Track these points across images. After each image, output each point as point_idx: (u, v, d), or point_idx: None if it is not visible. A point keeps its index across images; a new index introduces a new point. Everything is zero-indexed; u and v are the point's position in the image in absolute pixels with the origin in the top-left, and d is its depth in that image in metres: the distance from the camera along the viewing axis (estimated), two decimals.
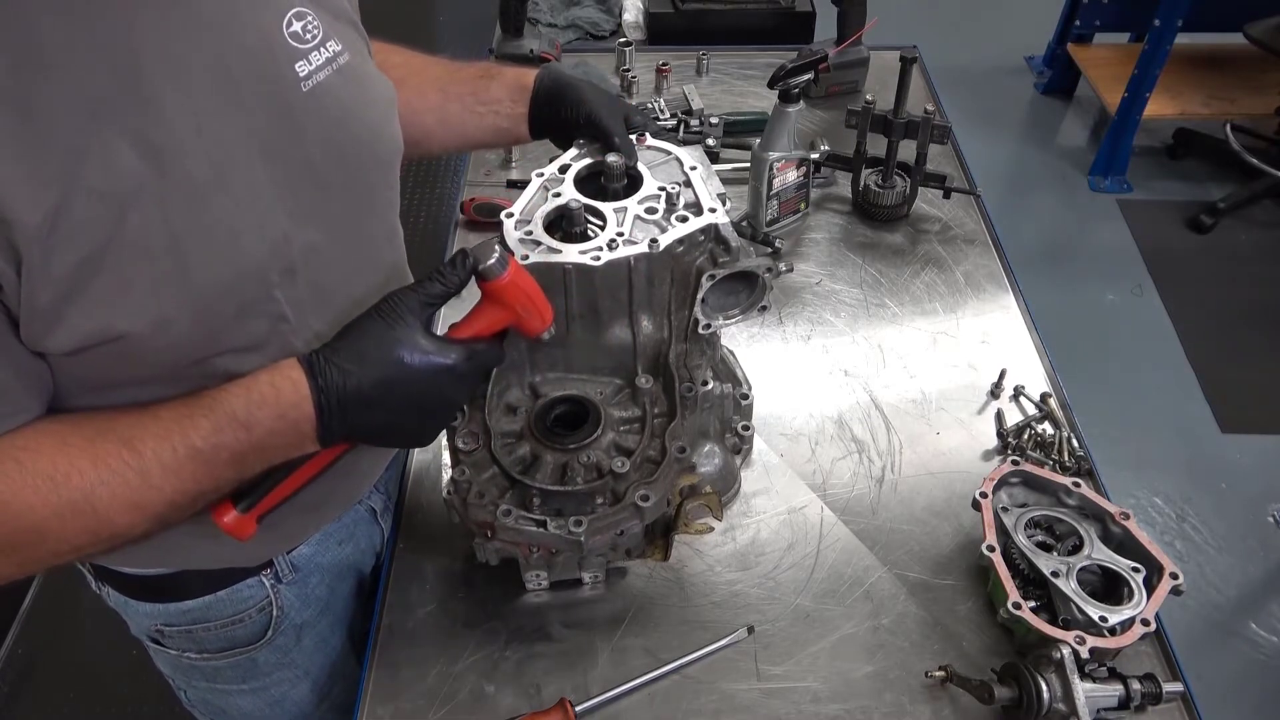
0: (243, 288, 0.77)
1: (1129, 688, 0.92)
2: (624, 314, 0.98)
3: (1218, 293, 3.14)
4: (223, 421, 0.75)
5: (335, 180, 0.83)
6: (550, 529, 0.90)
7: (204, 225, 0.72)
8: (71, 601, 2.26)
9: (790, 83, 1.45)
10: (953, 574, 1.10)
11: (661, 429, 0.97)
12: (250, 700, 1.14)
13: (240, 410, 0.75)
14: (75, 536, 0.73)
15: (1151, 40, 3.26)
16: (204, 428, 0.75)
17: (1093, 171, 3.58)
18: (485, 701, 0.99)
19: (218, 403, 0.76)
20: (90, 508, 0.72)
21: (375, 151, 0.89)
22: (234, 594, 1.01)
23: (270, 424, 0.76)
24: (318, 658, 1.15)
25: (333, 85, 0.81)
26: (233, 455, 0.76)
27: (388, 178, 0.93)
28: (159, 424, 0.75)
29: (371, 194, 0.90)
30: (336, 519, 1.08)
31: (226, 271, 0.75)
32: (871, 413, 1.29)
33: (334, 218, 0.84)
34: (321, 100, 0.80)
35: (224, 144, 0.73)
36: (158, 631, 1.04)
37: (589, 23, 2.20)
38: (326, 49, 0.81)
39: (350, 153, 0.84)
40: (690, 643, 1.03)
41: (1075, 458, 1.21)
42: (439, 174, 3.44)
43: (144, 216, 0.68)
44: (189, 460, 0.74)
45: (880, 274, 1.51)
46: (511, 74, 1.09)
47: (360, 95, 0.86)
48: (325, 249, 0.83)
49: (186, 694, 1.17)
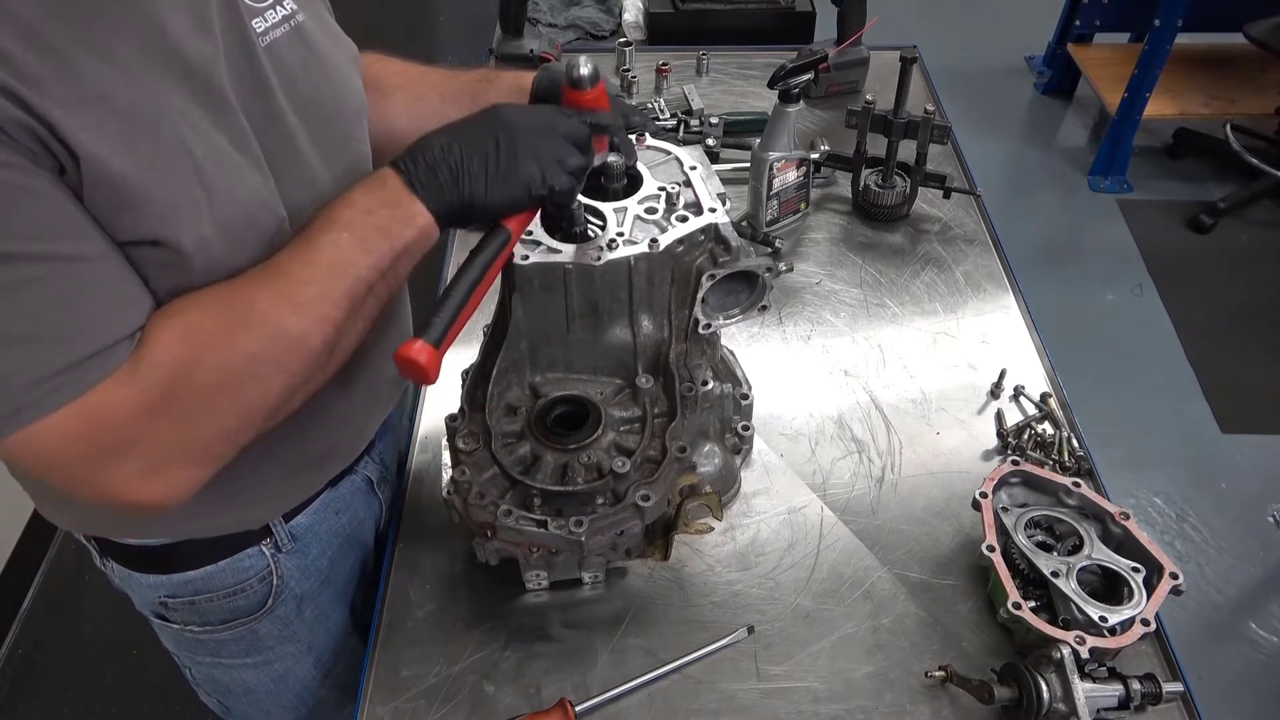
0: (258, 217, 0.80)
1: (1129, 688, 0.92)
2: (624, 314, 0.98)
3: (1218, 293, 3.14)
4: (334, 213, 0.79)
5: (305, 132, 0.86)
6: (551, 529, 0.90)
7: (215, 154, 0.75)
8: (71, 601, 2.26)
9: (790, 83, 1.45)
10: (953, 574, 1.10)
11: (662, 429, 0.97)
12: (254, 675, 1.15)
13: (346, 198, 0.80)
14: (255, 346, 0.75)
15: (1151, 40, 3.26)
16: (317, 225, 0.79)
17: (1093, 171, 3.58)
18: (485, 701, 0.99)
19: (321, 211, 0.80)
20: (258, 314, 0.75)
21: (340, 107, 0.92)
22: (235, 564, 1.03)
23: (371, 196, 0.80)
24: (320, 633, 1.17)
25: (289, 42, 0.85)
26: (355, 236, 0.78)
27: (357, 132, 0.96)
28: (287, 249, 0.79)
29: (344, 147, 0.93)
30: (334, 484, 1.09)
31: (240, 200, 0.78)
32: (871, 413, 1.29)
33: (309, 171, 0.87)
34: (280, 56, 0.83)
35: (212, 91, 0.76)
36: (161, 604, 1.05)
37: (589, 23, 2.20)
38: (283, 6, 0.85)
39: (314, 106, 0.87)
40: (690, 643, 1.03)
41: (1075, 458, 1.21)
42: None
43: (170, 138, 0.72)
44: (321, 252, 0.78)
45: (880, 274, 1.51)
46: (510, 77, 1.10)
47: (319, 52, 0.89)
48: (304, 200, 0.86)
49: (191, 671, 1.18)
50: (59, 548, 2.35)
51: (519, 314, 0.96)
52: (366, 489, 1.15)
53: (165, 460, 0.74)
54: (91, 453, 0.71)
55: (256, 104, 0.80)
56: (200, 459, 0.76)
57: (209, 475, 0.77)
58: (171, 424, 0.73)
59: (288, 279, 0.77)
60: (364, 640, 1.07)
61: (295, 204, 0.84)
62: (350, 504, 1.13)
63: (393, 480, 1.22)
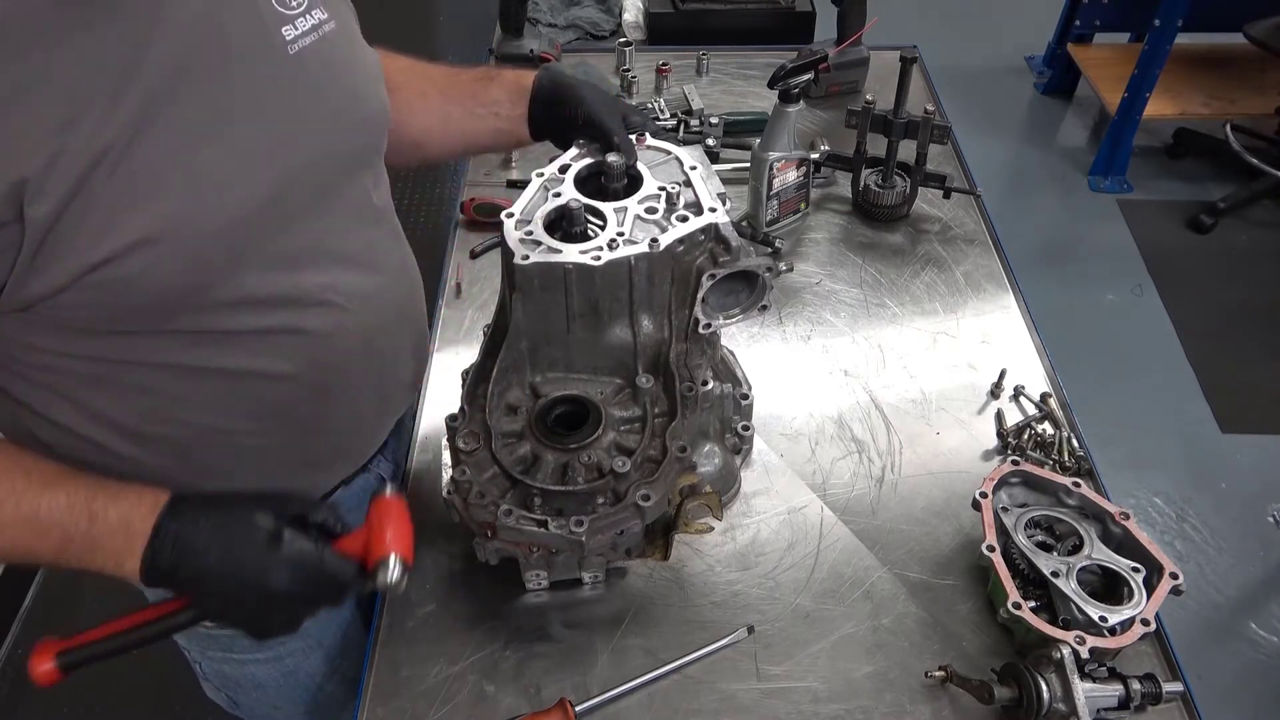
0: (232, 235, 0.79)
1: (1129, 688, 0.92)
2: (624, 314, 0.98)
3: (1218, 293, 3.14)
4: (76, 494, 0.79)
5: (328, 140, 0.86)
6: (551, 529, 0.90)
7: (192, 173, 0.75)
8: (72, 601, 2.26)
9: (790, 83, 1.45)
10: (953, 574, 1.10)
11: (662, 429, 0.97)
12: (264, 670, 1.16)
13: (98, 493, 0.79)
14: None
15: (1151, 40, 3.26)
16: (62, 481, 0.79)
17: (1093, 171, 3.58)
18: (485, 701, 0.99)
19: (81, 482, 0.80)
20: None
21: (364, 113, 0.93)
22: None
23: (112, 523, 0.79)
24: (329, 629, 1.17)
25: (319, 50, 0.85)
26: (63, 536, 0.78)
27: (377, 142, 0.96)
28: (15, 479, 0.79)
29: (365, 154, 0.94)
30: (347, 484, 1.09)
31: (216, 218, 0.77)
32: (871, 413, 1.29)
33: (328, 177, 0.87)
34: (308, 64, 0.83)
35: (215, 98, 0.76)
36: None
37: (589, 23, 2.20)
38: (312, 16, 0.85)
39: (339, 113, 0.88)
40: (690, 643, 1.03)
41: (1075, 458, 1.21)
42: (439, 174, 3.44)
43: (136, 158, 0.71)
44: (21, 522, 0.78)
45: (880, 274, 1.51)
46: (511, 76, 1.10)
47: (346, 60, 0.90)
48: (321, 206, 0.87)
49: (202, 667, 1.19)
50: None
51: (519, 314, 0.96)
52: (379, 487, 1.15)
53: None
54: None
55: (277, 112, 0.81)
56: None
57: None
58: None
59: None
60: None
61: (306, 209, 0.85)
62: (363, 502, 1.12)
63: (403, 477, 1.23)
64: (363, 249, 0.94)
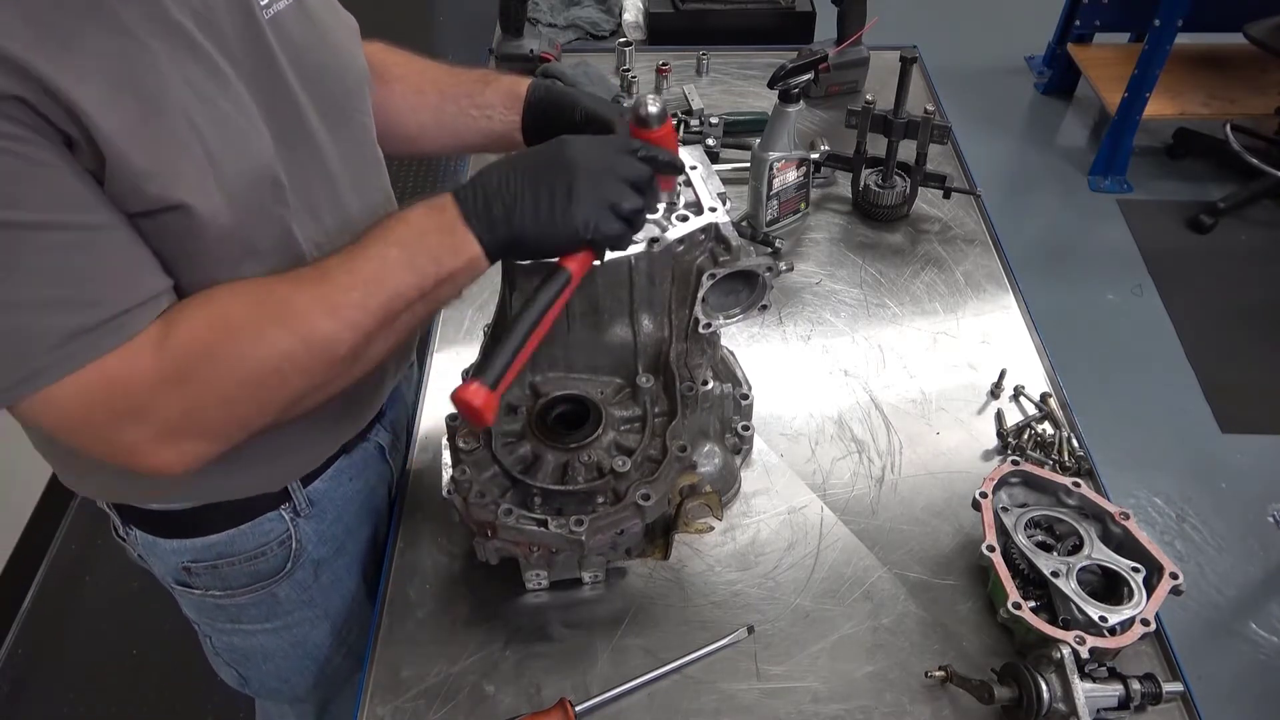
0: (260, 185, 0.81)
1: (1129, 688, 0.92)
2: (625, 313, 0.98)
3: (1218, 293, 3.13)
4: (388, 228, 0.82)
5: (310, 103, 0.87)
6: (551, 528, 0.90)
7: (217, 119, 0.77)
8: (72, 601, 2.26)
9: (790, 83, 1.45)
10: (953, 574, 1.10)
11: (662, 428, 0.97)
12: (273, 640, 1.17)
13: (403, 215, 0.83)
14: (284, 342, 0.77)
15: (1151, 40, 3.26)
16: (370, 235, 0.82)
17: (1093, 171, 3.58)
18: (485, 701, 0.99)
19: (377, 224, 0.83)
20: (292, 312, 0.78)
21: (343, 78, 0.94)
22: (256, 528, 1.05)
23: (428, 219, 0.82)
24: (335, 599, 1.19)
25: (292, 15, 0.86)
26: (403, 254, 0.81)
27: (361, 104, 0.97)
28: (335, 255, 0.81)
29: (348, 118, 0.95)
30: (348, 451, 1.10)
31: (245, 164, 0.79)
32: (871, 413, 1.29)
33: (315, 141, 0.89)
34: (283, 28, 0.85)
35: (212, 59, 0.77)
36: (185, 570, 1.07)
37: (589, 23, 2.20)
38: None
39: (318, 78, 0.89)
40: (690, 643, 1.03)
41: (1075, 458, 1.21)
42: (439, 174, 3.44)
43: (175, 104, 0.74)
44: (367, 263, 0.80)
45: (880, 274, 1.51)
46: (507, 81, 1.11)
47: (321, 25, 0.91)
48: (311, 168, 0.88)
49: (212, 640, 1.20)
50: (59, 548, 2.35)
51: None
52: (379, 455, 1.18)
53: (177, 431, 0.78)
54: (107, 416, 0.75)
55: (263, 75, 0.82)
56: (212, 436, 0.80)
57: (219, 451, 0.81)
58: (186, 400, 0.77)
59: (329, 284, 0.79)
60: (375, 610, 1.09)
61: (302, 176, 0.86)
62: (364, 470, 1.15)
63: (403, 449, 1.24)
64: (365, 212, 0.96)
